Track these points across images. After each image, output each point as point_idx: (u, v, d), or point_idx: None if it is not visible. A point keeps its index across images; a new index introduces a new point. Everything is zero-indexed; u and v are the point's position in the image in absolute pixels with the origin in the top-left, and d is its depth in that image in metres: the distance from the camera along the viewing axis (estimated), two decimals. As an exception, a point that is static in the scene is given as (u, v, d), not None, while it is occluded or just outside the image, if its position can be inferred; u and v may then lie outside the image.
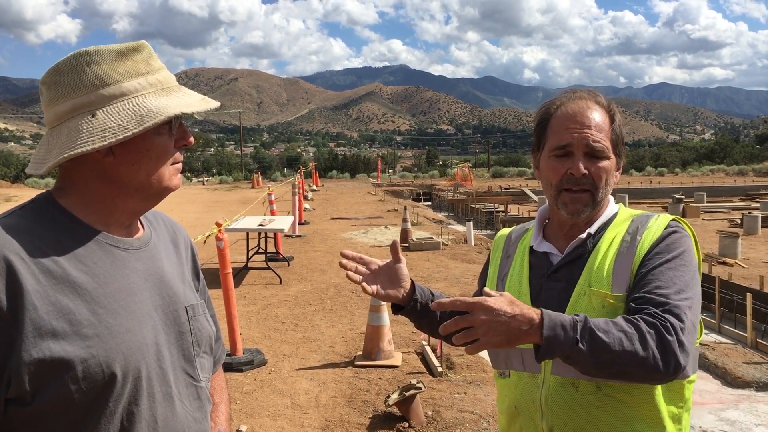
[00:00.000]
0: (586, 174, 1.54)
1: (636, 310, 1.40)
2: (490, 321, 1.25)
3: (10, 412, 1.08)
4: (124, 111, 1.16)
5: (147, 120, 1.16)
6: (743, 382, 6.20)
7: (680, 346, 1.33)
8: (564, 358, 1.32)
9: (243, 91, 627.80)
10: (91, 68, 1.17)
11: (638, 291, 1.44)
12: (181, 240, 1.44)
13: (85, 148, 1.12)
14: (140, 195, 1.23)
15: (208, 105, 1.25)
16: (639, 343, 1.31)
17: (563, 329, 1.29)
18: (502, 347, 1.29)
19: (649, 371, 1.32)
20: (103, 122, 1.15)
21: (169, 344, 1.25)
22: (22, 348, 1.05)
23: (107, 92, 1.16)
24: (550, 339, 1.28)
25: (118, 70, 1.18)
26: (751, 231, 17.14)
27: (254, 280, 9.55)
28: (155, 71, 1.22)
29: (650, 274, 1.45)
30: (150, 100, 1.19)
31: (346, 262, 1.65)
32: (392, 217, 17.46)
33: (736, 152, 55.18)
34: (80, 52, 1.18)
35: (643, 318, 1.35)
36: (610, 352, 1.29)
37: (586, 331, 1.30)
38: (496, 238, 1.87)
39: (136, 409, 1.16)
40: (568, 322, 1.30)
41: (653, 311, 1.37)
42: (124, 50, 1.19)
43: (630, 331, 1.32)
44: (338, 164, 49.29)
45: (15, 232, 1.11)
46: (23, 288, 1.07)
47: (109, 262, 1.18)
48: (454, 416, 4.65)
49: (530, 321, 1.28)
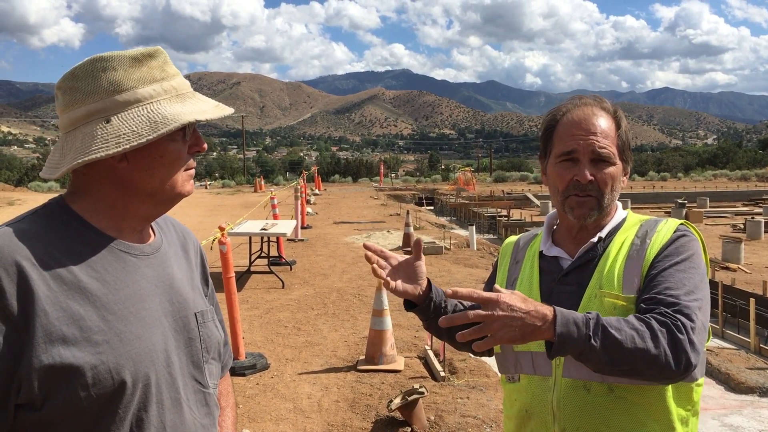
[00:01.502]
0: (592, 180, 1.55)
1: (646, 310, 1.41)
2: (505, 316, 1.26)
3: (19, 417, 1.08)
4: (138, 117, 1.16)
5: (161, 127, 1.15)
6: (746, 387, 6.18)
7: (691, 345, 1.34)
8: (576, 355, 1.33)
9: (246, 95, 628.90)
10: (106, 74, 1.16)
11: (648, 292, 1.45)
12: (191, 246, 1.44)
13: (99, 154, 1.12)
14: (153, 201, 1.23)
15: (223, 112, 1.25)
16: (651, 340, 1.32)
17: (576, 326, 1.30)
18: (514, 343, 1.29)
19: (661, 369, 1.33)
20: (117, 128, 1.14)
21: (179, 350, 1.24)
22: (32, 354, 1.05)
23: (122, 98, 1.16)
24: (563, 335, 1.29)
25: (133, 76, 1.18)
26: (754, 236, 17.11)
27: (257, 284, 9.55)
28: (170, 77, 1.22)
29: (660, 276, 1.46)
30: (165, 106, 1.18)
31: (370, 254, 1.64)
32: (395, 222, 17.46)
33: (738, 157, 55.15)
34: (96, 58, 1.18)
35: (654, 317, 1.36)
36: (622, 349, 1.30)
37: (599, 328, 1.30)
38: (503, 246, 1.88)
39: (145, 415, 1.16)
40: (580, 319, 1.31)
41: (664, 311, 1.38)
42: (139, 56, 1.19)
43: (642, 329, 1.33)
44: (341, 168, 49.37)
45: (27, 237, 1.11)
46: (35, 294, 1.06)
47: (120, 269, 1.18)
48: (456, 421, 4.64)
49: (544, 317, 1.29)
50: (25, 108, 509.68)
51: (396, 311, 7.61)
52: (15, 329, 1.05)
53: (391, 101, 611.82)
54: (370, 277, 9.94)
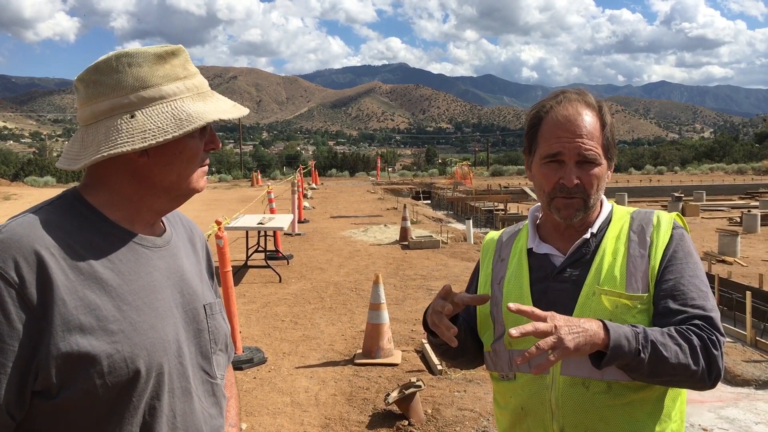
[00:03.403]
0: (578, 183, 1.54)
1: (681, 322, 1.46)
2: (570, 327, 1.31)
3: (35, 404, 1.09)
4: (163, 114, 1.18)
5: (186, 124, 1.18)
6: (742, 380, 6.21)
7: (722, 359, 1.44)
8: (622, 366, 1.40)
9: (242, 90, 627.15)
10: (132, 69, 1.19)
11: (675, 302, 1.49)
12: (198, 239, 1.47)
13: (125, 148, 1.14)
14: (169, 195, 1.26)
15: (241, 112, 1.29)
16: (691, 357, 1.40)
17: (626, 339, 1.36)
18: (578, 354, 1.33)
19: (696, 382, 1.42)
20: (142, 123, 1.17)
21: (189, 341, 1.27)
22: (50, 341, 1.07)
23: (147, 94, 1.19)
24: (615, 348, 1.34)
25: (157, 73, 1.20)
26: (750, 229, 17.15)
27: (254, 279, 9.55)
28: (192, 76, 1.25)
29: (680, 285, 1.51)
30: (188, 104, 1.21)
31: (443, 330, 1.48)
32: (392, 216, 17.46)
33: (735, 151, 55.20)
34: (121, 53, 1.20)
35: (693, 332, 1.43)
36: (666, 364, 1.38)
37: (648, 343, 1.37)
38: (485, 242, 1.84)
39: (158, 404, 1.18)
40: (630, 333, 1.37)
41: (700, 324, 1.45)
42: (163, 53, 1.22)
43: (684, 345, 1.40)
44: (338, 162, 49.27)
45: (45, 227, 1.13)
46: (53, 283, 1.08)
47: (134, 260, 1.21)
48: (453, 414, 4.65)
49: (598, 330, 1.34)
50: (21, 102, 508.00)
51: (393, 305, 7.62)
52: (34, 317, 1.07)
53: (388, 95, 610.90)
54: (367, 271, 9.95)
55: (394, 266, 10.51)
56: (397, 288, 8.87)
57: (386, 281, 8.54)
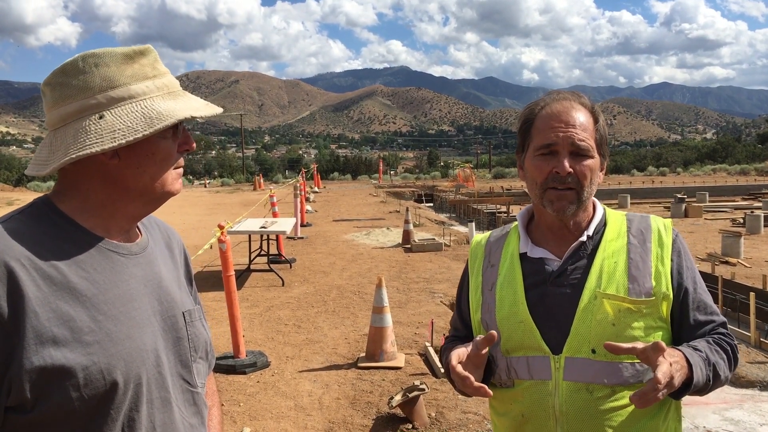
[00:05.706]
0: (572, 172, 1.53)
1: (710, 331, 1.57)
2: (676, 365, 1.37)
3: (10, 420, 1.07)
4: (132, 113, 1.15)
5: (156, 122, 1.15)
6: (747, 381, 6.19)
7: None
8: (694, 389, 1.45)
9: (244, 94, 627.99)
10: (99, 70, 1.16)
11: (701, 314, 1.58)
12: (175, 244, 1.43)
13: (94, 148, 1.11)
14: (143, 199, 1.23)
15: (213, 110, 1.26)
16: (728, 367, 1.54)
17: (700, 369, 1.43)
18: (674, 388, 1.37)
19: (722, 387, 1.56)
20: (112, 124, 1.14)
21: (167, 350, 1.24)
22: (23, 355, 1.04)
23: (115, 94, 1.16)
24: (698, 377, 1.42)
25: (125, 72, 1.17)
26: (753, 230, 17.10)
27: (257, 283, 9.55)
28: (161, 75, 1.22)
29: (699, 294, 1.60)
30: (158, 103, 1.18)
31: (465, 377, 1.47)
32: (394, 219, 17.45)
33: (738, 151, 55.13)
34: (87, 54, 1.17)
35: (725, 341, 1.56)
36: (719, 380, 1.50)
37: (712, 367, 1.47)
38: (472, 247, 1.81)
39: (136, 415, 1.15)
40: (700, 361, 1.45)
41: (724, 332, 1.58)
42: (131, 53, 1.19)
43: (724, 357, 1.53)
44: (340, 166, 49.34)
45: (16, 237, 1.10)
46: (24, 295, 1.05)
47: (109, 268, 1.17)
48: (457, 417, 4.65)
49: (685, 364, 1.41)
50: (23, 107, 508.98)
51: (396, 308, 7.62)
52: (5, 332, 1.04)
53: (389, 98, 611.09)
54: (369, 275, 9.95)
55: (397, 269, 10.50)
56: (400, 291, 8.86)
57: (389, 284, 8.54)
